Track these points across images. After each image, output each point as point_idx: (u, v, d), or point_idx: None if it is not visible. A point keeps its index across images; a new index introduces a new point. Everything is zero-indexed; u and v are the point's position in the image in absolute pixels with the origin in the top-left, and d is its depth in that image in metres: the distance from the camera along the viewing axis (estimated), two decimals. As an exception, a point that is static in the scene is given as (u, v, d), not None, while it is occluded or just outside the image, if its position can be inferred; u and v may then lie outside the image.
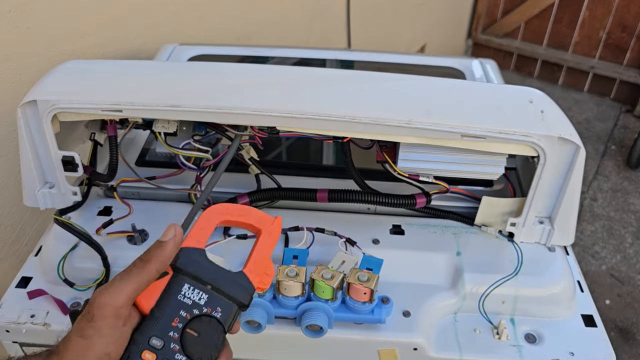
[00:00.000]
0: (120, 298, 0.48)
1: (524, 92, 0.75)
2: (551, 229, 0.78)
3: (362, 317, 0.68)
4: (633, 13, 3.16)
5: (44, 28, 1.07)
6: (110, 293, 0.48)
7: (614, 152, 2.95)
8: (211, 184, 0.77)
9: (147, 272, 0.50)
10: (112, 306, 0.47)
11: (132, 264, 0.51)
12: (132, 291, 0.49)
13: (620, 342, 1.93)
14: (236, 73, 0.78)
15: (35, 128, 0.74)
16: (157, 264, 0.51)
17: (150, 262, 0.50)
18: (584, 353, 0.71)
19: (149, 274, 0.50)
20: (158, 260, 0.51)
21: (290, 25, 1.95)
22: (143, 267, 0.50)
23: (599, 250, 2.32)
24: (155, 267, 0.51)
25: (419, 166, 0.75)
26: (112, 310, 0.47)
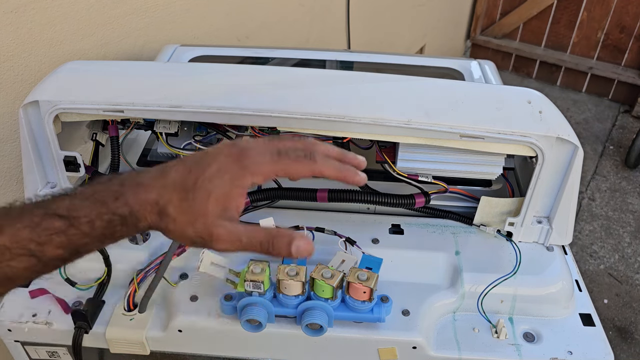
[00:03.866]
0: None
1: (523, 93, 0.76)
2: (549, 229, 0.79)
3: (362, 316, 0.68)
4: (631, 14, 3.17)
5: (45, 29, 1.08)
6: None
7: (612, 152, 2.96)
8: (212, 184, 0.78)
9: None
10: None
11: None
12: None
13: (618, 341, 1.94)
14: (237, 74, 0.78)
15: (37, 128, 0.74)
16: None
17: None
18: (582, 352, 0.71)
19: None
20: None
21: (290, 26, 1.95)
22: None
23: (597, 249, 2.32)
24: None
25: (418, 166, 0.76)
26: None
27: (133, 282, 0.72)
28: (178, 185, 0.50)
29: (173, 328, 0.72)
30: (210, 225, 0.49)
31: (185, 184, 0.50)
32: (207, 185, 0.50)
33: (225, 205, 0.50)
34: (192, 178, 0.50)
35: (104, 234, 0.49)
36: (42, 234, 0.47)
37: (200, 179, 0.50)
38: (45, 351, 0.77)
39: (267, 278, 0.67)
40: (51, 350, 0.76)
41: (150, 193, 0.50)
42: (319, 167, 0.53)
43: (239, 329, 0.68)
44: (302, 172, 0.53)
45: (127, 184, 0.50)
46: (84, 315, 0.71)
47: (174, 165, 0.52)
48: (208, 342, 0.74)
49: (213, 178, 0.50)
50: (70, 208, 0.48)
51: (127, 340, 0.72)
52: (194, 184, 0.50)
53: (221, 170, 0.51)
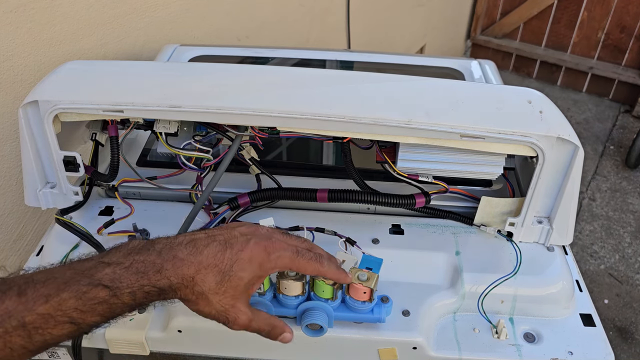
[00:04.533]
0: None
1: (523, 93, 0.76)
2: (550, 229, 0.79)
3: (362, 317, 0.68)
4: (632, 14, 3.17)
5: (45, 29, 1.08)
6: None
7: (612, 152, 2.96)
8: (212, 184, 0.78)
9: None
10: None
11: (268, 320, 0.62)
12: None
13: (618, 342, 1.94)
14: (237, 74, 0.78)
15: (37, 128, 0.74)
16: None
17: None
18: (582, 352, 0.71)
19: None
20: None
21: (290, 26, 1.95)
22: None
23: (598, 249, 2.32)
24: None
25: (419, 166, 0.76)
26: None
27: (133, 283, 0.72)
28: (214, 266, 0.56)
29: (173, 328, 0.72)
30: (237, 310, 0.58)
31: (222, 266, 0.56)
32: (241, 273, 0.56)
33: (249, 293, 0.58)
34: (227, 261, 0.56)
35: (141, 303, 0.53)
36: (87, 303, 0.50)
37: (235, 265, 0.56)
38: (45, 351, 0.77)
39: (267, 278, 0.67)
40: (51, 350, 0.76)
41: (189, 269, 0.54)
42: (324, 270, 0.62)
43: (238, 329, 0.67)
44: (310, 271, 0.61)
45: (165, 256, 0.54)
46: (83, 316, 0.70)
47: (206, 242, 0.57)
48: (208, 343, 0.74)
49: (246, 266, 0.57)
50: (113, 279, 0.52)
51: (127, 340, 0.72)
52: (230, 268, 0.56)
53: (253, 259, 0.57)
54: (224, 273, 0.56)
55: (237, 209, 0.83)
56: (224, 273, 0.56)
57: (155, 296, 0.53)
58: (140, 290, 0.52)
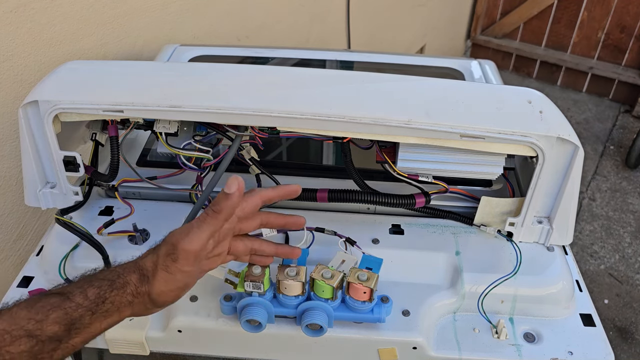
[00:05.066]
0: (199, 244, 0.58)
1: (523, 93, 0.76)
2: (550, 229, 0.78)
3: (362, 316, 0.68)
4: (632, 14, 3.17)
5: (45, 29, 1.08)
6: (190, 240, 0.58)
7: (612, 152, 2.96)
8: (212, 184, 0.78)
9: (218, 221, 0.60)
10: (193, 251, 0.58)
11: (204, 214, 0.60)
12: (206, 238, 0.59)
13: (618, 342, 1.94)
14: (237, 74, 0.78)
15: (37, 128, 0.74)
16: (225, 214, 0.60)
17: (220, 212, 0.59)
18: (582, 352, 0.71)
19: (219, 222, 0.60)
20: (226, 210, 0.60)
21: (291, 26, 1.95)
22: (215, 217, 0.59)
23: (598, 249, 2.32)
24: (224, 216, 0.60)
25: (419, 166, 0.76)
26: (193, 254, 0.58)
27: (133, 283, 0.72)
28: (158, 254, 0.59)
29: (173, 328, 0.72)
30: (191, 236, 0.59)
31: (159, 262, 0.59)
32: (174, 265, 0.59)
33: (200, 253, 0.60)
34: (163, 261, 0.59)
35: (96, 301, 0.54)
36: (39, 311, 0.51)
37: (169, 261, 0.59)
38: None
39: (267, 278, 0.67)
40: (51, 350, 0.76)
41: (132, 263, 0.59)
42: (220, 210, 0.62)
43: (239, 329, 0.67)
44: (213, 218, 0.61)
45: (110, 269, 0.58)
46: (83, 316, 0.70)
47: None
48: (208, 343, 0.74)
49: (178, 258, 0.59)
50: (64, 287, 0.55)
51: (127, 340, 0.72)
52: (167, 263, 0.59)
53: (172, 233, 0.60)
54: (168, 255, 0.59)
55: (237, 209, 0.83)
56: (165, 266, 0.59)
57: (107, 289, 0.55)
58: (90, 287, 0.54)
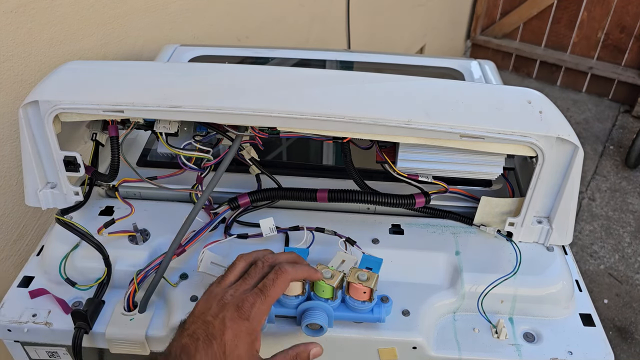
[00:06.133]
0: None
1: (523, 93, 0.76)
2: (550, 229, 0.79)
3: (362, 316, 0.68)
4: (632, 14, 3.17)
5: (45, 29, 1.08)
6: None
7: (612, 152, 2.96)
8: (212, 184, 0.78)
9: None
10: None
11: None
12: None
13: (618, 341, 1.94)
14: (237, 74, 0.78)
15: (37, 128, 0.74)
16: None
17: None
18: (582, 352, 0.71)
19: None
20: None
21: (290, 26, 1.96)
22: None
23: (598, 249, 2.32)
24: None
25: (418, 166, 0.76)
26: None
27: (133, 282, 0.72)
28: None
29: (173, 328, 0.72)
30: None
31: (215, 356, 0.56)
32: (236, 351, 0.57)
33: (254, 352, 0.60)
34: (218, 352, 0.57)
35: None
36: None
37: (227, 349, 0.57)
38: (45, 351, 0.77)
39: (267, 278, 0.67)
40: (51, 350, 0.76)
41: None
42: (293, 277, 0.63)
43: (239, 329, 0.67)
44: (284, 288, 0.63)
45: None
46: (84, 316, 0.71)
47: (193, 346, 0.57)
48: (208, 342, 0.74)
49: (236, 343, 0.58)
50: None
51: (127, 340, 0.72)
52: (224, 355, 0.56)
53: (237, 334, 0.58)
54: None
55: (237, 209, 0.83)
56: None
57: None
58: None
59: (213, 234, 0.82)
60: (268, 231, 0.78)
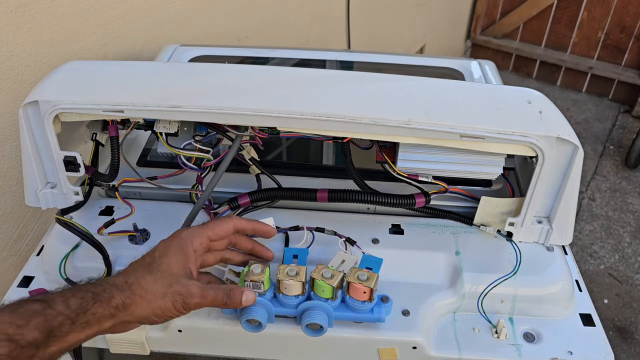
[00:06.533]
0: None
1: (523, 93, 0.76)
2: (550, 229, 0.79)
3: (362, 316, 0.68)
4: (632, 14, 3.17)
5: (45, 29, 1.08)
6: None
7: (612, 152, 2.96)
8: (212, 184, 0.78)
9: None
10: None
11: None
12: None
13: (618, 341, 1.94)
14: (237, 74, 0.78)
15: (37, 128, 0.74)
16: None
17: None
18: (582, 352, 0.71)
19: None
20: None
21: (290, 26, 1.96)
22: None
23: (598, 249, 2.32)
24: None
25: (418, 166, 0.76)
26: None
27: (133, 282, 0.72)
28: (139, 267, 0.61)
29: (173, 328, 0.72)
30: (184, 284, 0.61)
31: (145, 263, 0.61)
32: (165, 258, 0.62)
33: (186, 270, 0.62)
34: (148, 259, 0.62)
35: (76, 311, 0.55)
36: (21, 316, 0.52)
37: (156, 254, 0.62)
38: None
39: (267, 278, 0.68)
40: (51, 350, 0.76)
41: (117, 278, 0.61)
42: (236, 221, 0.70)
43: (239, 329, 0.68)
44: (225, 227, 0.68)
45: (99, 279, 0.62)
46: (84, 316, 0.71)
47: (129, 266, 0.64)
48: (208, 342, 0.74)
49: (166, 251, 0.63)
50: (47, 295, 0.56)
51: (127, 340, 0.72)
52: (153, 260, 0.61)
53: (168, 245, 0.64)
54: (150, 265, 0.61)
55: (237, 209, 0.83)
56: (150, 265, 0.61)
57: (91, 301, 0.56)
58: (72, 297, 0.55)
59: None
60: (268, 230, 0.78)
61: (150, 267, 0.61)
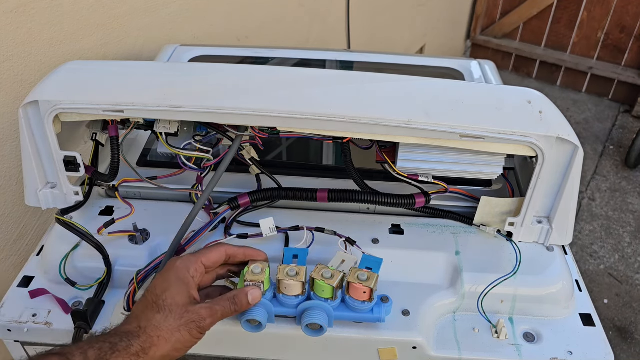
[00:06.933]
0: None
1: (523, 93, 0.76)
2: (550, 229, 0.79)
3: (362, 316, 0.68)
4: (631, 14, 3.17)
5: (45, 29, 1.08)
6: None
7: (612, 152, 2.96)
8: (212, 184, 0.78)
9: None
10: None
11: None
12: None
13: (618, 341, 1.94)
14: (237, 74, 0.78)
15: (37, 128, 0.74)
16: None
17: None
18: (582, 352, 0.71)
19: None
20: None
21: (290, 26, 1.96)
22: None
23: (598, 249, 2.32)
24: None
25: (418, 166, 0.76)
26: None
27: (133, 282, 0.72)
28: (148, 306, 0.61)
29: (173, 328, 0.72)
30: (193, 311, 0.61)
31: (151, 301, 0.63)
32: (167, 292, 0.62)
33: (190, 297, 0.63)
34: (151, 296, 0.63)
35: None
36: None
37: (158, 290, 0.63)
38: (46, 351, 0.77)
39: (267, 278, 0.67)
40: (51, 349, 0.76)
41: (129, 325, 0.60)
42: (226, 247, 0.70)
43: (239, 329, 0.68)
44: (217, 254, 0.69)
45: (112, 328, 0.61)
46: (84, 315, 0.71)
47: (133, 307, 0.65)
48: (208, 342, 0.74)
49: (165, 285, 0.63)
50: (63, 347, 0.56)
51: (127, 340, 0.72)
52: (157, 296, 0.62)
53: (165, 276, 0.64)
54: (155, 303, 0.61)
55: (237, 209, 0.83)
56: (156, 303, 0.61)
57: (108, 351, 0.56)
58: (91, 349, 0.55)
59: (213, 234, 0.82)
60: (268, 231, 0.78)
61: (157, 305, 0.61)
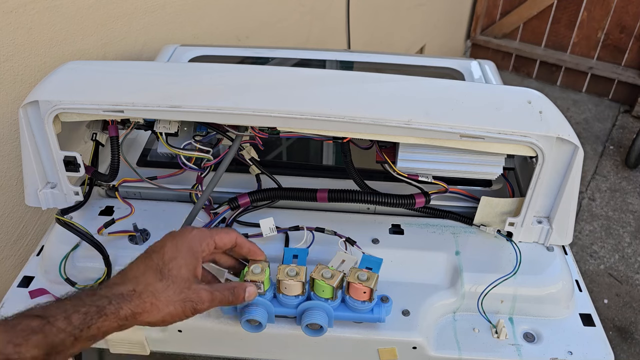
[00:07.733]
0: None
1: (523, 93, 0.76)
2: (550, 229, 0.79)
3: (362, 316, 0.68)
4: (631, 14, 3.17)
5: (45, 29, 1.08)
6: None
7: (612, 152, 2.96)
8: (212, 184, 0.78)
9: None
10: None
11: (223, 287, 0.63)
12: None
13: (618, 341, 1.94)
14: (237, 74, 0.78)
15: (37, 128, 0.74)
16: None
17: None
18: (582, 352, 0.71)
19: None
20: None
21: (290, 26, 1.96)
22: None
23: (598, 249, 2.32)
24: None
25: (418, 166, 0.76)
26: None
27: (133, 282, 0.72)
28: (147, 269, 0.58)
29: (173, 328, 0.72)
30: (195, 290, 0.59)
31: (154, 265, 0.58)
32: (175, 262, 0.59)
33: (197, 274, 0.60)
34: (157, 260, 0.58)
35: (80, 327, 0.52)
36: (19, 334, 0.49)
37: (166, 259, 0.59)
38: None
39: (267, 278, 0.68)
40: (51, 350, 0.76)
41: (124, 286, 0.56)
42: (235, 234, 0.67)
43: (239, 329, 0.68)
44: (228, 237, 0.67)
45: (101, 286, 0.57)
46: (84, 316, 0.71)
47: (130, 264, 0.60)
48: (208, 342, 0.74)
49: (176, 254, 0.59)
50: (45, 308, 0.52)
51: (127, 340, 0.72)
52: (163, 263, 0.58)
53: (175, 244, 0.60)
54: (160, 270, 0.58)
55: (237, 209, 0.83)
56: (161, 270, 0.58)
57: (96, 316, 0.53)
58: (75, 313, 0.52)
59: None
60: (268, 231, 0.78)
61: (161, 272, 0.58)
